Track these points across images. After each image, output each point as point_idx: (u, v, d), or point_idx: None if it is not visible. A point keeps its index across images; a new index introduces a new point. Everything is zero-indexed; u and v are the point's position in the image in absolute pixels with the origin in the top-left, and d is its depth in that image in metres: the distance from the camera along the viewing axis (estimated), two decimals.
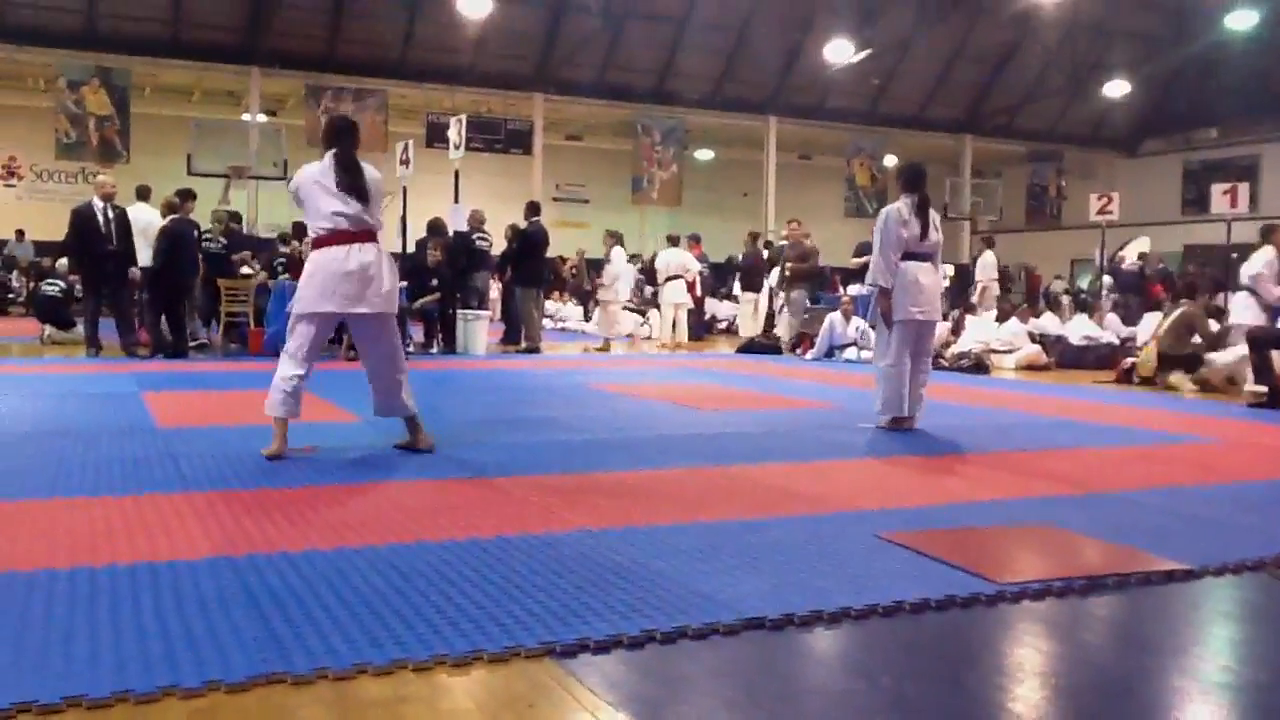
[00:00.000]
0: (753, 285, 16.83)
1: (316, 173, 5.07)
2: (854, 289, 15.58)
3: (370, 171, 5.15)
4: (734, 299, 19.25)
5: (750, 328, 16.36)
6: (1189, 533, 3.88)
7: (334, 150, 5.10)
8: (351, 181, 5.03)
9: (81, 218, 10.73)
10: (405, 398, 5.25)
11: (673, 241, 16.16)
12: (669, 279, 15.59)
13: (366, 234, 5.05)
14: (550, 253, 15.18)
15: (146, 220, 12.58)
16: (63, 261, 12.52)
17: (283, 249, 13.64)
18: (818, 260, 15.36)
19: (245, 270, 13.12)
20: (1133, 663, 2.60)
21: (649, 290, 18.46)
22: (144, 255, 12.54)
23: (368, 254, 5.00)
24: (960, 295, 17.14)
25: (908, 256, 6.57)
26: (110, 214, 10.74)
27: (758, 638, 2.67)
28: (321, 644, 2.52)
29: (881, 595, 2.97)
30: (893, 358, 6.59)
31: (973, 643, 2.74)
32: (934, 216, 6.71)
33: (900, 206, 6.61)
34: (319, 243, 5.02)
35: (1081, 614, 2.98)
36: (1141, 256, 17.97)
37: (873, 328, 13.35)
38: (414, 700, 2.25)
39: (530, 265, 13.74)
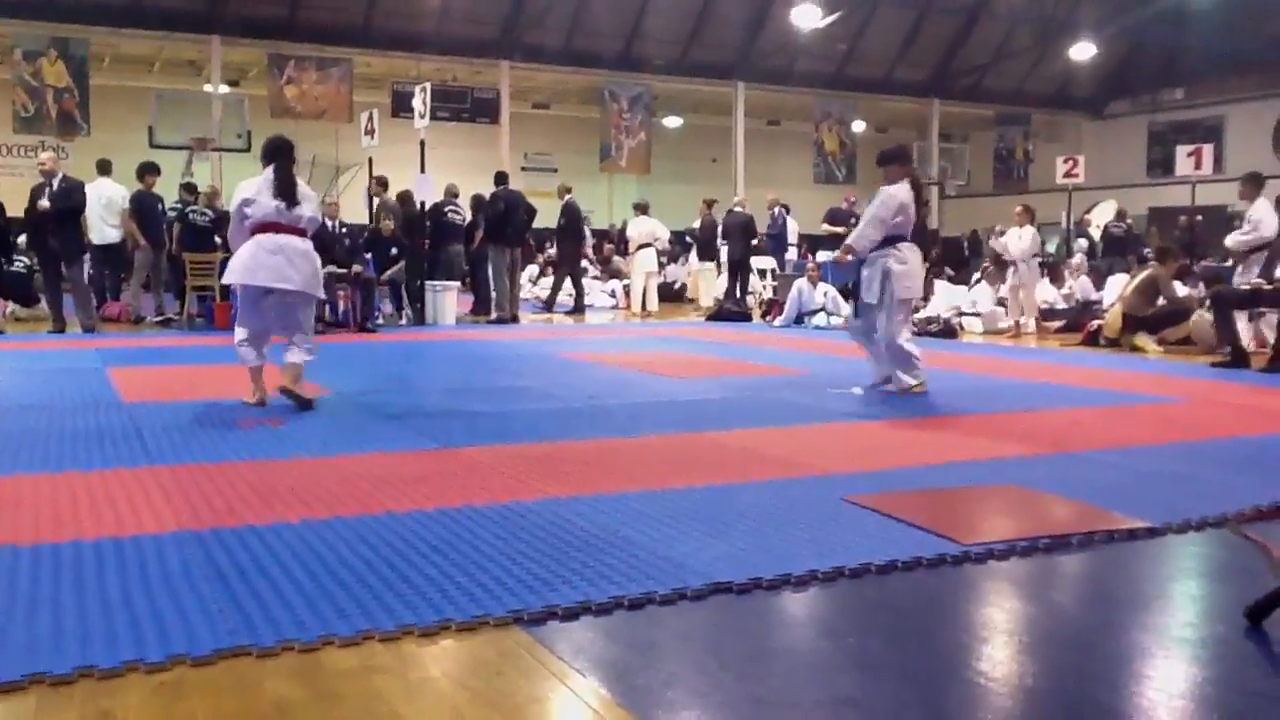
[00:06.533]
0: (708, 254, 16.72)
1: (259, 184, 5.96)
2: (822, 255, 15.59)
3: (303, 188, 6.08)
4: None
5: (709, 296, 16.21)
6: (1153, 491, 3.93)
7: (274, 165, 5.96)
8: (289, 192, 5.99)
9: (32, 196, 10.72)
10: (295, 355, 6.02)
11: (641, 210, 16.07)
12: (640, 247, 15.55)
13: (292, 229, 5.92)
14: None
15: (108, 195, 12.40)
16: (23, 238, 12.35)
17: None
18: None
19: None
20: (1096, 619, 2.63)
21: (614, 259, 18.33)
22: (110, 232, 12.39)
23: (293, 241, 5.90)
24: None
25: (898, 238, 6.63)
26: (53, 190, 10.61)
27: (725, 602, 2.69)
28: (288, 616, 2.50)
29: (849, 558, 2.99)
30: (908, 330, 6.78)
31: (939, 602, 2.76)
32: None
33: (901, 191, 6.66)
34: (257, 229, 5.90)
35: (1046, 573, 3.02)
36: (1120, 215, 18.11)
37: (845, 294, 13.44)
38: (382, 670, 2.24)
39: (505, 231, 13.52)
